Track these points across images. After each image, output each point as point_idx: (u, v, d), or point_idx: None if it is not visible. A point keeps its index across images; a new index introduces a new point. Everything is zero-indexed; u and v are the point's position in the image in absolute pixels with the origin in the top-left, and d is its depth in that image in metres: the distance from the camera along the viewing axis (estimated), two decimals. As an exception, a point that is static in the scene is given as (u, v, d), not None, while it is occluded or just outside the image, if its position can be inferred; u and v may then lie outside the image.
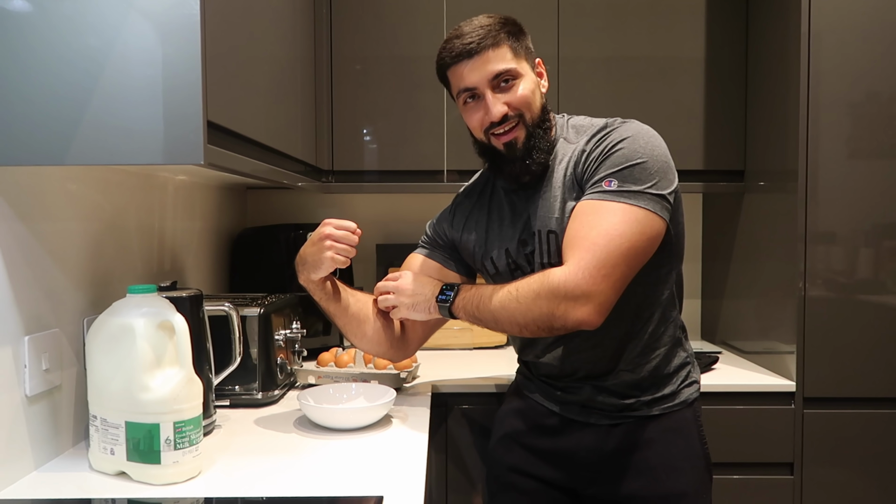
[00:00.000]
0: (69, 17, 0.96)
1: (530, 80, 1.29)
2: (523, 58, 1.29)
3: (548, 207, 1.29)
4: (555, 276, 1.17)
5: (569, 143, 1.32)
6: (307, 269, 1.36)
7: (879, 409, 1.77)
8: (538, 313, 1.18)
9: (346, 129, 2.09)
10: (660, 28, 2.07)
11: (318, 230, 1.34)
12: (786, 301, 1.82)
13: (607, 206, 1.18)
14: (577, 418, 1.37)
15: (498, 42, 1.26)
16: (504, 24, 1.29)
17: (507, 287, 1.23)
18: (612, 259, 1.15)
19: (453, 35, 1.29)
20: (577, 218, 1.22)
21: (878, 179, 1.75)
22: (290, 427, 1.39)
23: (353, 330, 1.43)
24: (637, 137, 1.23)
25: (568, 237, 1.21)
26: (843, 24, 1.73)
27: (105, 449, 1.09)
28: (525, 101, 1.28)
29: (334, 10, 2.06)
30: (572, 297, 1.15)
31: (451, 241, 1.46)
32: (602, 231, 1.16)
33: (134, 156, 0.97)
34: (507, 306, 1.21)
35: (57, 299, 1.18)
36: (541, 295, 1.17)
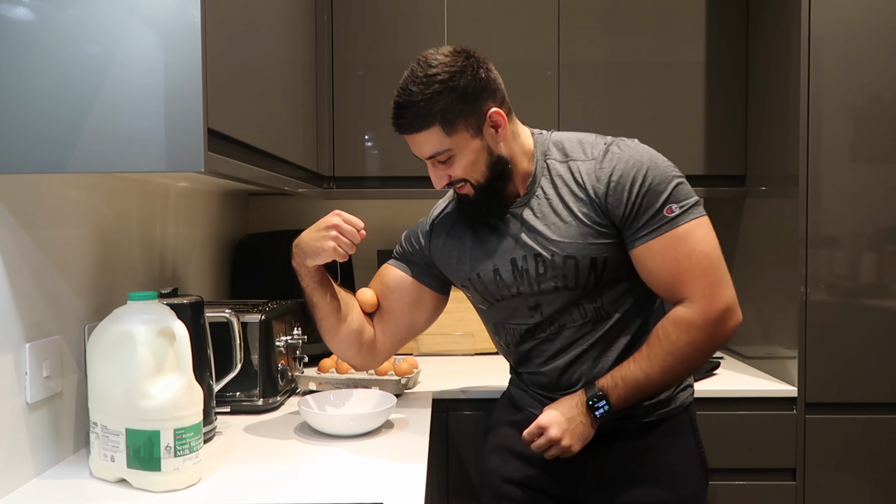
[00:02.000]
0: (70, 25, 0.96)
1: (470, 152, 1.26)
2: (461, 128, 1.24)
3: (560, 233, 1.27)
4: (692, 318, 1.22)
5: (558, 163, 1.31)
6: (305, 253, 1.35)
7: (882, 414, 1.76)
8: (703, 352, 1.24)
9: (347, 136, 2.09)
10: (660, 33, 2.07)
11: (327, 218, 1.34)
12: (787, 306, 1.81)
13: (686, 229, 1.23)
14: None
15: (428, 123, 1.23)
16: (438, 95, 1.21)
17: (651, 354, 1.23)
18: (719, 269, 1.24)
19: (395, 97, 1.26)
20: (666, 255, 1.23)
21: (880, 183, 1.75)
22: (290, 434, 1.39)
23: (328, 326, 1.41)
24: (654, 159, 1.26)
25: (670, 275, 1.23)
26: (844, 28, 1.73)
27: (105, 456, 1.09)
28: (465, 172, 1.28)
29: (335, 17, 2.07)
30: (717, 322, 1.23)
31: (427, 257, 1.45)
32: (699, 253, 1.22)
33: (135, 163, 0.98)
34: (670, 369, 1.23)
35: (58, 306, 1.18)
36: (695, 339, 1.22)
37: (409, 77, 1.24)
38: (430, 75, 1.22)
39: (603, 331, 1.31)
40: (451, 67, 1.23)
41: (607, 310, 1.30)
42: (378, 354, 1.49)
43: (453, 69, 1.23)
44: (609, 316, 1.30)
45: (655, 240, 1.23)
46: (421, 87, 1.22)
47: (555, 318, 1.32)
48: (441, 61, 1.23)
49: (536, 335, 1.35)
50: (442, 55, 1.24)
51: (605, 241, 1.26)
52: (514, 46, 2.08)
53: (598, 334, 1.31)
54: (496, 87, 1.28)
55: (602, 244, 1.26)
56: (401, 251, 1.50)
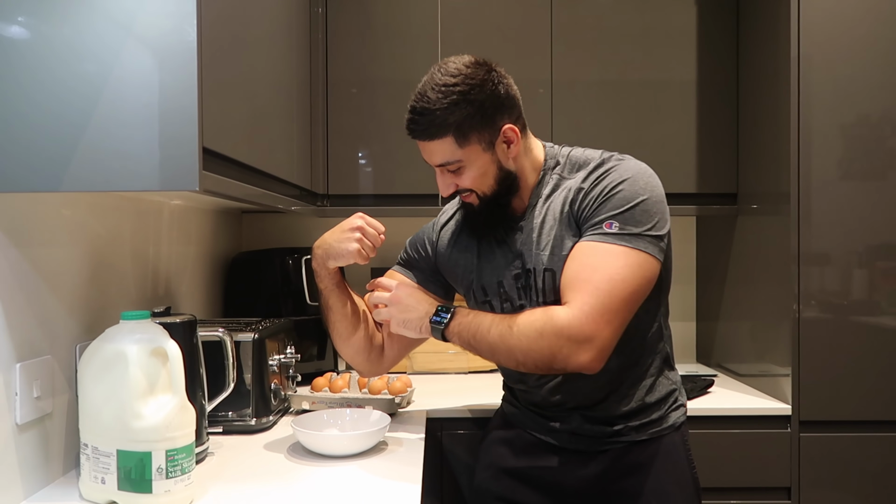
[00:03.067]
0: (66, 43, 0.96)
1: (480, 164, 1.26)
2: (474, 141, 1.24)
3: (545, 244, 1.28)
4: (559, 317, 1.17)
5: (564, 179, 1.31)
6: (328, 254, 1.35)
7: (876, 432, 1.76)
8: (539, 352, 1.19)
9: (341, 153, 2.09)
10: (652, 51, 2.09)
11: (351, 220, 1.35)
12: (780, 323, 1.82)
13: (609, 248, 1.19)
14: (566, 446, 1.36)
15: (442, 133, 1.23)
16: (455, 106, 1.21)
17: (507, 320, 1.22)
18: (615, 304, 1.16)
19: (412, 100, 1.25)
20: (577, 258, 1.22)
21: (870, 201, 1.76)
22: (283, 454, 1.38)
23: (341, 329, 1.41)
24: (637, 178, 1.24)
25: (568, 277, 1.21)
26: (833, 47, 1.76)
27: (96, 478, 1.08)
28: (473, 184, 1.28)
29: (329, 34, 2.08)
30: (576, 341, 1.16)
31: (432, 262, 1.45)
32: (605, 275, 1.17)
33: (130, 182, 0.97)
34: (506, 340, 1.21)
35: (50, 325, 1.17)
36: (544, 334, 1.18)
37: (429, 82, 1.24)
38: (448, 84, 1.21)
39: None
40: (471, 80, 1.22)
41: None
42: (385, 361, 1.48)
43: (473, 82, 1.22)
44: None
45: (584, 242, 1.22)
46: (439, 96, 1.21)
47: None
48: (462, 71, 1.23)
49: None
50: (464, 65, 1.24)
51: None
52: (506, 65, 2.05)
53: None
54: (514, 103, 1.28)
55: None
56: (406, 257, 1.49)
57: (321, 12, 2.06)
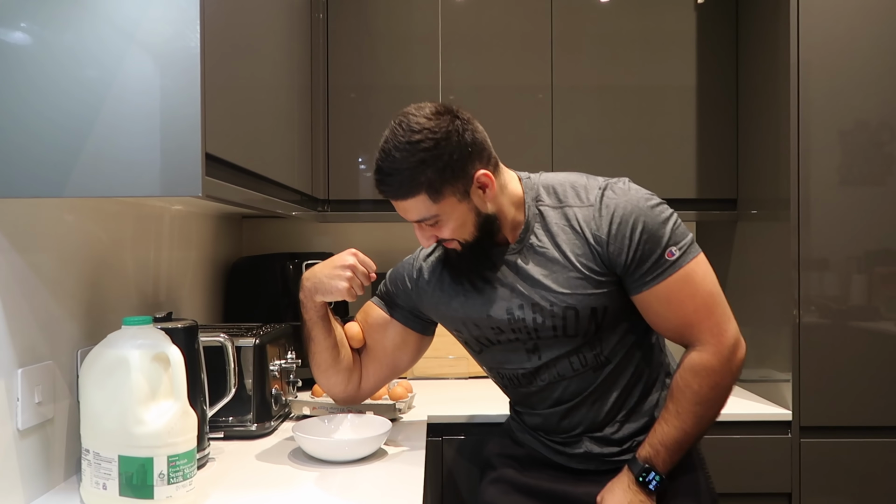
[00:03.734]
0: (69, 49, 0.96)
1: (458, 215, 1.22)
2: (448, 194, 1.20)
3: (560, 282, 1.24)
4: (709, 360, 1.22)
5: (551, 209, 1.27)
6: (316, 289, 1.35)
7: (877, 437, 1.76)
8: (727, 389, 1.24)
9: (341, 159, 2.10)
10: (652, 57, 2.10)
11: (343, 257, 1.35)
12: (780, 328, 1.82)
13: (688, 271, 1.22)
14: (576, 467, 1.34)
15: (414, 192, 1.19)
16: (423, 164, 1.17)
17: (680, 409, 1.22)
18: (721, 304, 1.25)
19: (377, 159, 1.21)
20: (671, 299, 1.22)
21: (868, 206, 1.77)
22: (284, 459, 1.38)
23: (320, 361, 1.41)
24: (648, 201, 1.23)
25: (678, 318, 1.23)
26: (832, 53, 1.76)
27: (97, 484, 1.08)
28: (453, 234, 1.25)
29: (330, 40, 2.08)
30: (731, 356, 1.23)
31: (413, 301, 1.42)
32: (703, 293, 1.23)
33: (133, 188, 0.97)
34: (702, 416, 1.22)
35: (51, 331, 1.17)
36: (717, 381, 1.22)
37: (392, 140, 1.19)
38: (413, 142, 1.17)
39: (602, 377, 1.29)
40: (435, 134, 1.17)
41: (607, 356, 1.28)
42: (361, 393, 1.49)
43: (437, 136, 1.17)
44: (609, 361, 1.29)
45: (659, 285, 1.21)
46: (405, 154, 1.17)
47: (553, 365, 1.29)
48: (424, 125, 1.18)
49: (534, 382, 1.32)
50: (424, 117, 1.19)
51: (604, 289, 1.24)
52: (507, 70, 2.10)
53: (598, 381, 1.29)
54: (482, 147, 1.24)
55: (602, 293, 1.24)
56: (384, 291, 1.47)
57: (322, 18, 2.07)
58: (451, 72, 2.09)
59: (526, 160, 2.10)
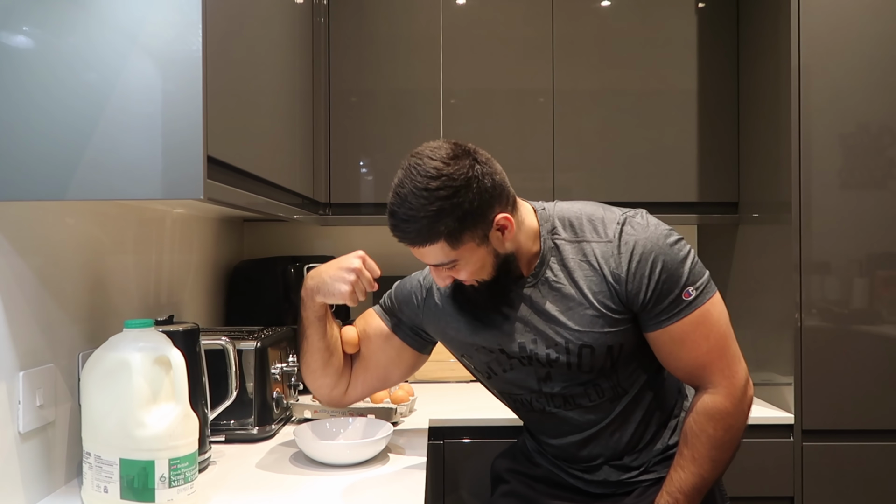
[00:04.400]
0: (71, 53, 0.97)
1: (476, 259, 1.19)
2: (467, 240, 1.16)
3: (576, 320, 1.22)
4: (722, 402, 1.21)
5: (567, 243, 1.24)
6: (318, 289, 1.33)
7: (879, 441, 1.76)
8: (741, 430, 1.24)
9: (343, 162, 2.10)
10: (653, 61, 2.10)
11: (350, 259, 1.32)
12: (782, 332, 1.82)
13: (703, 312, 1.21)
14: (594, 491, 1.34)
15: (432, 239, 1.14)
16: (441, 213, 1.11)
17: (696, 454, 1.21)
18: (733, 345, 1.24)
19: (391, 201, 1.16)
20: (685, 339, 1.21)
21: (869, 210, 1.77)
22: (285, 463, 1.38)
23: (311, 362, 1.39)
24: (667, 238, 1.21)
25: (690, 359, 1.22)
26: (833, 57, 1.77)
27: (98, 487, 1.08)
28: (470, 277, 1.22)
29: (332, 44, 2.09)
30: (743, 395, 1.23)
31: (418, 319, 1.40)
32: (717, 334, 1.22)
33: (134, 191, 0.97)
34: (719, 459, 1.22)
35: (53, 334, 1.17)
36: (731, 424, 1.21)
37: (408, 185, 1.13)
38: (430, 189, 1.11)
39: (621, 407, 1.28)
40: (454, 181, 1.12)
41: (624, 386, 1.27)
42: (346, 399, 1.47)
43: (457, 183, 1.12)
44: (626, 392, 1.28)
45: (675, 324, 1.20)
46: (422, 202, 1.11)
47: (568, 394, 1.28)
48: (442, 171, 1.12)
49: (547, 408, 1.30)
50: (442, 162, 1.13)
51: (621, 327, 1.22)
52: (508, 74, 2.10)
53: (617, 410, 1.28)
54: (502, 190, 1.18)
55: (618, 331, 1.22)
56: (389, 304, 1.44)
57: (323, 22, 2.07)
58: (452, 76, 2.09)
59: (527, 164, 2.12)
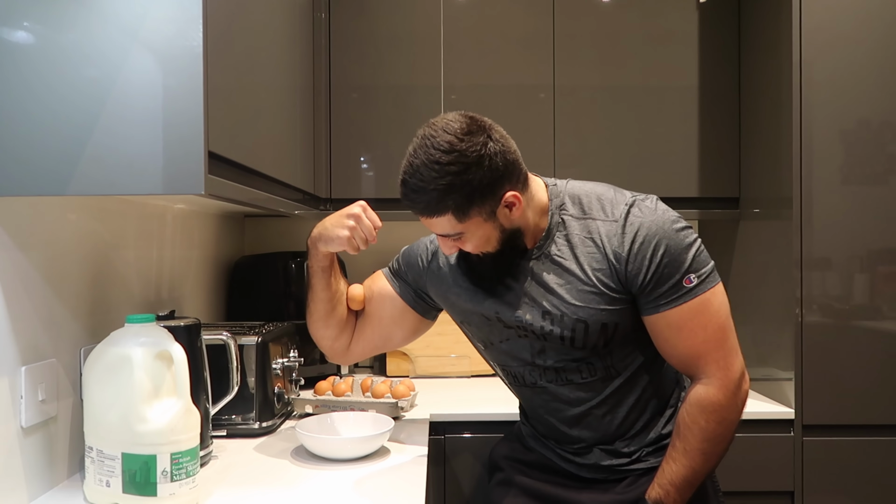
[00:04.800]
0: (72, 48, 0.97)
1: (482, 233, 1.21)
2: (475, 215, 1.18)
3: (574, 294, 1.23)
4: (715, 394, 1.21)
5: (574, 220, 1.25)
6: (321, 236, 1.36)
7: (879, 436, 1.76)
8: (734, 423, 1.23)
9: (343, 158, 2.10)
10: (654, 57, 2.10)
11: (351, 207, 1.34)
12: (783, 327, 1.82)
13: (703, 300, 1.20)
14: (585, 475, 1.34)
15: (440, 211, 1.16)
16: (451, 187, 1.13)
17: (687, 447, 1.21)
18: (731, 338, 1.24)
19: (403, 171, 1.17)
20: (682, 326, 1.20)
21: (870, 206, 1.77)
22: (287, 457, 1.38)
23: (314, 311, 1.41)
24: (674, 224, 1.21)
25: (686, 347, 1.21)
26: (834, 53, 1.76)
27: (101, 481, 1.08)
28: (476, 249, 1.24)
29: (333, 39, 2.09)
30: (737, 389, 1.23)
31: (422, 283, 1.42)
32: (715, 325, 1.21)
33: (135, 186, 0.98)
34: (710, 452, 1.21)
35: (55, 329, 1.18)
36: (724, 416, 1.21)
37: (421, 156, 1.14)
38: (442, 163, 1.13)
39: (612, 388, 1.28)
40: (466, 157, 1.13)
41: (617, 368, 1.28)
42: (349, 354, 1.49)
43: (469, 159, 1.13)
44: (618, 374, 1.28)
45: (673, 310, 1.20)
46: (433, 175, 1.13)
47: (561, 369, 1.28)
48: (455, 146, 1.13)
49: (540, 382, 1.31)
50: (456, 137, 1.14)
51: (617, 306, 1.22)
52: (509, 70, 2.10)
53: (608, 392, 1.28)
54: (514, 168, 1.19)
55: (614, 310, 1.22)
56: (396, 267, 1.47)
57: (324, 17, 2.07)
58: (453, 71, 2.09)
59: (528, 160, 2.10)
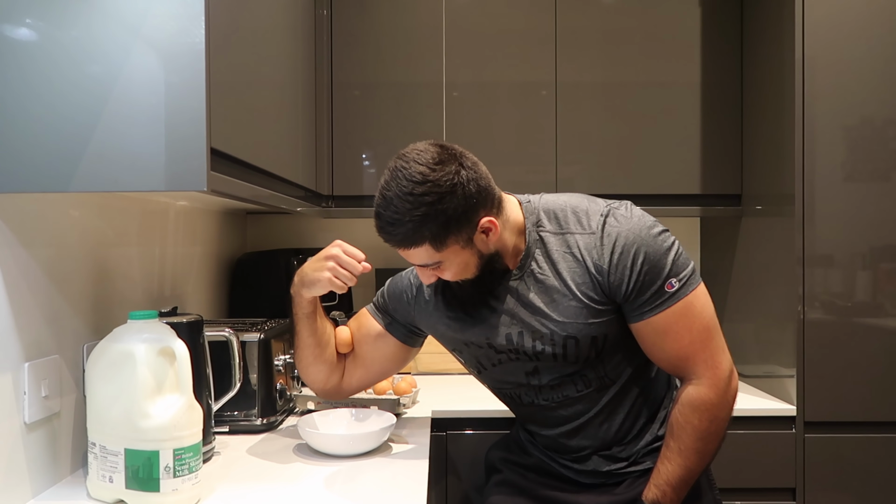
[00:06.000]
0: (74, 45, 0.97)
1: (460, 261, 1.20)
2: (451, 243, 1.16)
3: (560, 311, 1.22)
4: (706, 393, 1.21)
5: (552, 235, 1.24)
6: (303, 283, 1.34)
7: (881, 433, 1.76)
8: (725, 420, 1.24)
9: (345, 155, 2.10)
10: (657, 53, 2.09)
11: (327, 249, 1.32)
12: (785, 324, 1.82)
13: (686, 303, 1.20)
14: (584, 481, 1.35)
15: (417, 242, 1.15)
16: (426, 218, 1.12)
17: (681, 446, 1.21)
18: (717, 336, 1.24)
19: (377, 202, 1.16)
20: (668, 330, 1.20)
21: (873, 203, 1.76)
22: (289, 453, 1.38)
23: (302, 356, 1.41)
24: (651, 230, 1.20)
25: (673, 350, 1.22)
26: (837, 49, 1.76)
27: (104, 477, 1.08)
28: (455, 276, 1.23)
29: (335, 37, 2.09)
30: (727, 387, 1.23)
31: (410, 317, 1.41)
32: (699, 325, 1.21)
33: (138, 183, 0.98)
34: (704, 450, 1.22)
35: (58, 325, 1.18)
36: (715, 415, 1.22)
37: (394, 188, 1.13)
38: (415, 194, 1.12)
39: (608, 397, 1.28)
40: (439, 187, 1.12)
41: (611, 377, 1.28)
42: (342, 390, 1.48)
43: (442, 189, 1.12)
44: (613, 382, 1.28)
45: (657, 316, 1.20)
46: (407, 207, 1.12)
47: (556, 385, 1.28)
48: (428, 176, 1.12)
49: (536, 401, 1.31)
50: (427, 167, 1.13)
51: (604, 318, 1.22)
52: (511, 67, 2.10)
53: (604, 401, 1.29)
54: (487, 194, 1.18)
55: (602, 322, 1.22)
56: (382, 303, 1.45)
57: (326, 15, 2.07)
58: (454, 68, 2.09)
59: (530, 157, 2.12)
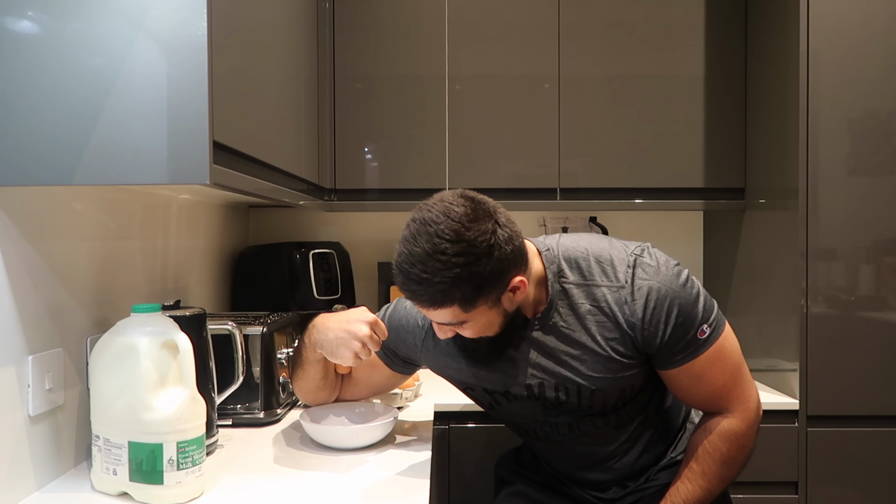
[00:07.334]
0: (77, 38, 0.97)
1: (485, 320, 1.14)
2: (481, 304, 1.10)
3: (589, 366, 1.19)
4: (739, 425, 1.22)
5: (576, 287, 1.19)
6: (321, 345, 1.31)
7: (884, 426, 1.76)
8: (751, 449, 1.25)
9: (348, 148, 2.10)
10: (660, 47, 2.09)
11: (358, 326, 1.27)
12: (788, 318, 1.82)
13: (718, 347, 1.21)
14: (602, 496, 1.35)
15: (445, 304, 1.08)
16: (459, 280, 1.05)
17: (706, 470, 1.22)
18: (745, 372, 1.25)
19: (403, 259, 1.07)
20: (703, 375, 1.21)
21: (878, 196, 1.76)
22: (292, 446, 1.39)
23: (304, 388, 1.43)
24: (678, 277, 1.18)
25: (707, 392, 1.23)
26: (842, 42, 1.75)
27: (108, 469, 1.09)
28: (476, 335, 1.18)
29: (337, 30, 2.08)
30: (756, 417, 1.25)
31: (415, 356, 1.38)
32: (731, 366, 1.22)
33: (140, 176, 0.98)
34: (726, 476, 1.23)
35: (61, 318, 1.18)
36: (745, 444, 1.23)
37: (424, 245, 1.05)
38: (449, 254, 1.04)
39: (627, 433, 1.29)
40: (475, 249, 1.05)
41: (630, 415, 1.28)
42: (331, 402, 1.50)
43: (479, 250, 1.05)
44: (632, 419, 1.28)
45: (691, 362, 1.19)
46: (438, 266, 1.04)
47: (574, 424, 1.27)
48: (463, 236, 1.04)
49: (552, 437, 1.31)
50: (462, 224, 1.05)
51: (633, 371, 1.21)
52: (513, 59, 2.09)
53: (623, 438, 1.29)
54: (521, 253, 1.12)
55: (631, 374, 1.21)
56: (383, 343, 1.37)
57: (328, 7, 2.06)
58: (457, 61, 2.08)
59: (532, 151, 2.11)
